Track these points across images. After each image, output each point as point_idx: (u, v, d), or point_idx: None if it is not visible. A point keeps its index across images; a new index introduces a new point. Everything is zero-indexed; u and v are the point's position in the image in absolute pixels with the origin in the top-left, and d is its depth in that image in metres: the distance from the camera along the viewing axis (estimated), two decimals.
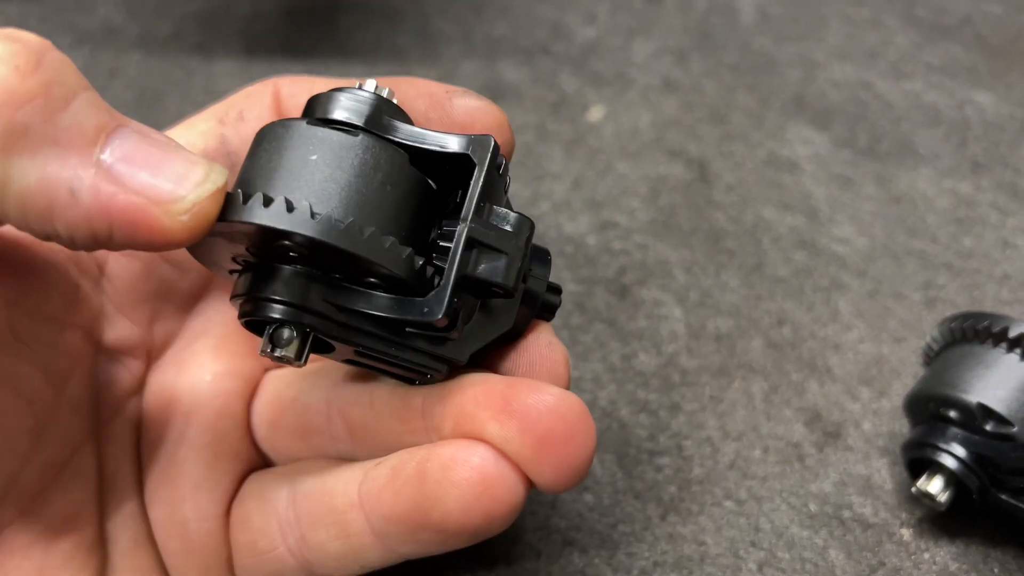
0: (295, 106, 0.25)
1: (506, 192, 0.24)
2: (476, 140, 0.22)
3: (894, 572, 0.30)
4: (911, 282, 0.40)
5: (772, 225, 0.42)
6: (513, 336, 0.25)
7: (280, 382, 0.28)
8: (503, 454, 0.21)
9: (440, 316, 0.21)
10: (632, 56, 0.52)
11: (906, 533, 0.31)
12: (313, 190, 0.20)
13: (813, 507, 0.32)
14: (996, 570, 0.30)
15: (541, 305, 0.25)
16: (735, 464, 0.33)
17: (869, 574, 0.30)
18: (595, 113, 0.49)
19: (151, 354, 0.27)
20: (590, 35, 0.54)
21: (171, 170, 0.19)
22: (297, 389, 0.27)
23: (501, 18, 0.55)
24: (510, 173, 0.24)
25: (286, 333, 0.21)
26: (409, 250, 0.21)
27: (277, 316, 0.21)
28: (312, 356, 0.22)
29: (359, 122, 0.22)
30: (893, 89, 0.50)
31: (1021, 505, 0.29)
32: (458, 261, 0.21)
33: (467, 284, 0.21)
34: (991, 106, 0.49)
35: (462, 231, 0.21)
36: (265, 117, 0.26)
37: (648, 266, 0.40)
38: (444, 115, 0.24)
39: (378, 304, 0.21)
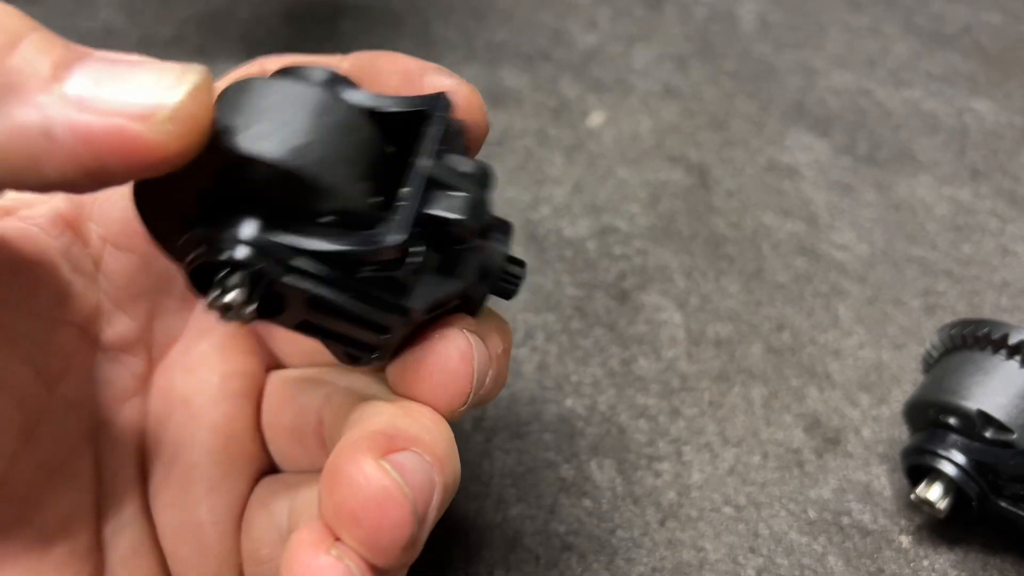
0: None
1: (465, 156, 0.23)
2: (431, 97, 0.21)
3: None
4: (911, 289, 0.40)
5: (772, 231, 0.42)
6: (469, 308, 0.24)
7: (282, 380, 0.27)
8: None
9: (397, 241, 0.19)
10: (632, 63, 0.53)
11: (905, 540, 0.31)
12: (271, 127, 0.19)
13: (812, 513, 0.32)
14: None
15: (499, 275, 0.23)
16: (734, 470, 0.33)
17: None
18: (595, 119, 0.49)
19: (153, 352, 0.27)
20: (591, 42, 0.54)
21: (141, 81, 0.17)
22: (297, 388, 0.27)
23: (502, 24, 0.55)
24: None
25: (236, 278, 0.20)
26: (365, 184, 0.20)
27: (228, 258, 0.20)
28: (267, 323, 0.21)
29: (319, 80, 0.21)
30: (893, 97, 0.50)
31: (1020, 512, 0.29)
32: (417, 192, 0.20)
33: (426, 224, 0.20)
34: (990, 114, 0.49)
35: (421, 167, 0.20)
36: None
37: (648, 271, 0.40)
38: (415, 91, 0.23)
39: (331, 239, 0.20)
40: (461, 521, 0.32)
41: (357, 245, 0.20)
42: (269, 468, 0.27)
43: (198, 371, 0.27)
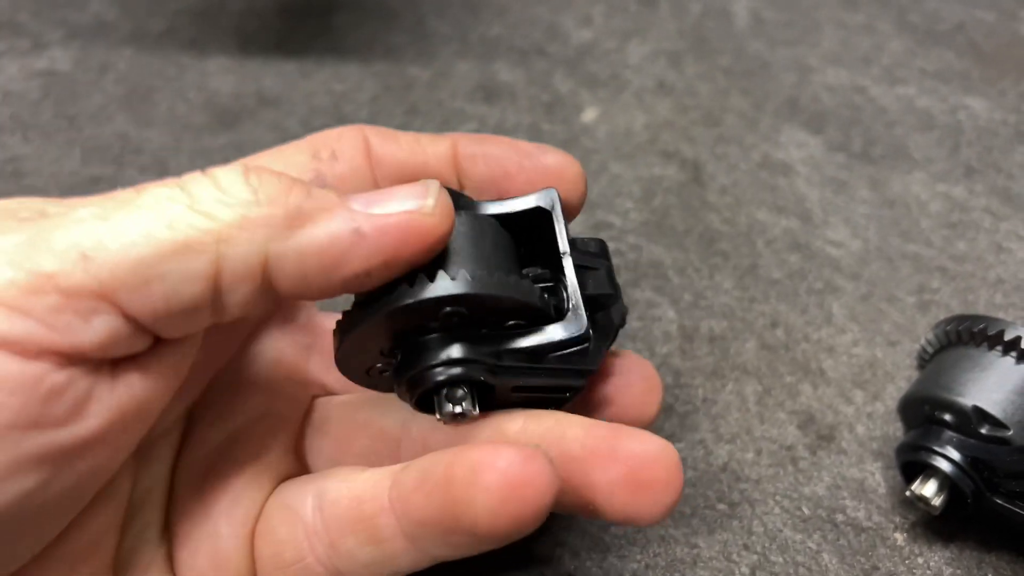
0: (385, 154, 0.28)
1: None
2: (541, 195, 0.26)
3: None
4: (905, 285, 0.40)
5: (766, 227, 0.42)
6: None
7: (343, 408, 0.29)
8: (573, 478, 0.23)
9: (585, 331, 0.24)
10: (627, 58, 0.52)
11: (900, 537, 0.31)
12: (452, 260, 0.24)
13: (806, 510, 0.32)
14: (990, 575, 0.30)
15: (621, 315, 0.28)
16: (728, 467, 0.33)
17: None
18: (589, 114, 0.48)
19: (207, 382, 0.27)
20: (585, 37, 0.54)
21: (402, 193, 0.22)
22: (368, 414, 0.28)
23: (497, 19, 0.55)
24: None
25: (459, 392, 0.24)
26: (536, 285, 0.25)
27: (443, 379, 0.24)
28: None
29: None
30: (887, 94, 0.50)
31: (1016, 509, 0.29)
32: (575, 282, 0.25)
33: (587, 303, 0.25)
34: (984, 112, 0.49)
35: (568, 262, 0.26)
36: (357, 161, 0.28)
37: (642, 267, 0.40)
38: (537, 164, 0.28)
39: (525, 338, 0.25)
40: None
41: (548, 340, 0.25)
42: (288, 478, 0.28)
43: (242, 392, 0.28)
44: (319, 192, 0.22)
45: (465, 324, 0.24)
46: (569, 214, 0.28)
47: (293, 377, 0.29)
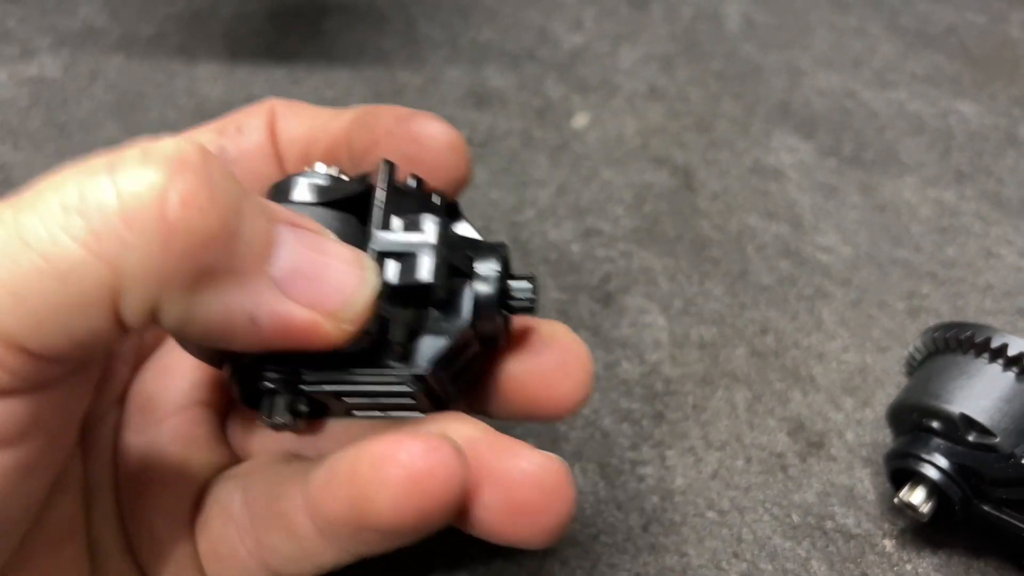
0: (287, 128, 0.27)
1: (441, 207, 0.24)
2: (380, 168, 0.24)
3: None
4: (895, 291, 0.40)
5: (757, 233, 0.42)
6: (490, 342, 0.25)
7: None
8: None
9: (363, 341, 0.21)
10: (618, 63, 0.52)
11: (889, 544, 0.31)
12: None
13: (796, 517, 0.32)
14: None
15: (506, 296, 0.24)
16: (718, 474, 0.33)
17: None
18: (580, 120, 0.48)
19: (139, 359, 0.27)
20: (576, 41, 0.54)
21: (335, 279, 0.20)
22: None
23: (487, 23, 0.55)
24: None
25: (274, 401, 0.23)
26: None
27: (264, 387, 0.23)
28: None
29: (313, 199, 0.23)
30: (878, 98, 0.50)
31: (1003, 516, 0.29)
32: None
33: (395, 296, 0.22)
34: (975, 116, 0.49)
35: (368, 247, 0.22)
36: (261, 134, 0.27)
37: (632, 274, 0.40)
38: (405, 130, 0.26)
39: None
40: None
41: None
42: (224, 467, 0.27)
43: (171, 377, 0.27)
44: (247, 238, 0.19)
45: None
46: (447, 190, 0.25)
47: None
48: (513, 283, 0.24)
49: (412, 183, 0.24)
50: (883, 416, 0.34)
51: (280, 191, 0.24)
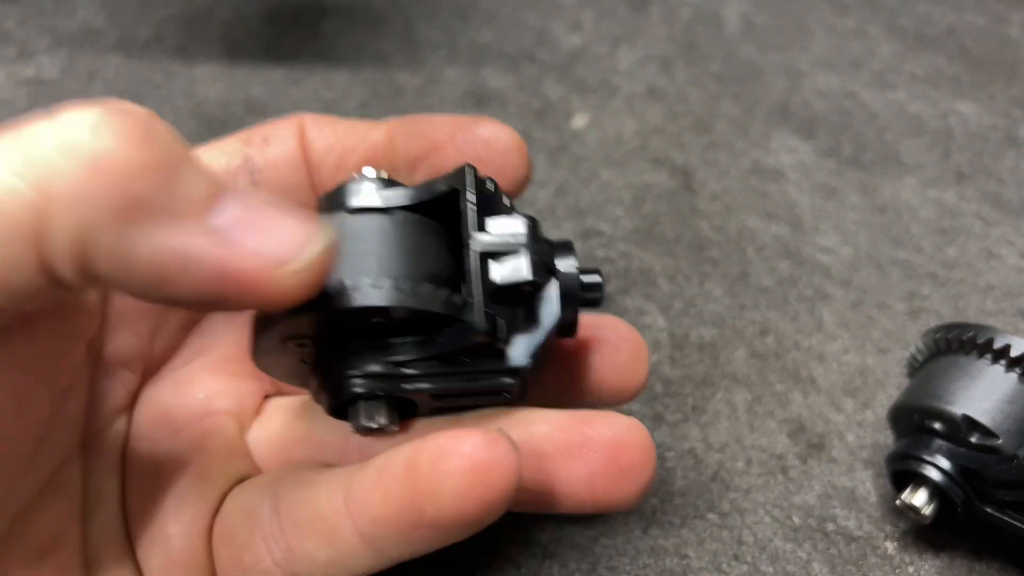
0: (318, 139, 0.27)
1: (511, 207, 0.25)
2: (453, 174, 0.24)
3: None
4: (895, 292, 0.40)
5: (756, 234, 0.42)
6: (568, 332, 0.25)
7: (288, 413, 0.28)
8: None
9: (479, 328, 0.22)
10: (617, 64, 0.52)
11: (890, 546, 0.31)
12: (357, 268, 0.22)
13: (797, 520, 0.32)
14: None
15: (582, 290, 0.25)
16: (718, 476, 0.33)
17: None
18: (579, 120, 0.48)
19: (148, 369, 0.27)
20: (575, 42, 0.54)
21: (280, 232, 0.19)
22: (309, 423, 0.27)
23: (486, 25, 0.55)
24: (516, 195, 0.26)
25: (373, 406, 0.24)
26: (446, 291, 0.22)
27: (361, 391, 0.23)
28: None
29: (366, 204, 0.23)
30: (877, 99, 0.50)
31: (1006, 518, 0.29)
32: (478, 274, 0.23)
33: (498, 295, 0.23)
34: (974, 116, 0.49)
35: (470, 249, 0.23)
36: (289, 144, 0.27)
37: (631, 275, 0.40)
38: (468, 133, 0.26)
39: (430, 346, 0.23)
40: None
41: (449, 346, 0.23)
42: (243, 478, 0.27)
43: (186, 388, 0.27)
44: (186, 183, 0.18)
45: (382, 331, 0.23)
46: (510, 190, 0.26)
47: (239, 374, 0.28)
48: (585, 277, 0.25)
49: (491, 186, 0.24)
50: (884, 418, 0.34)
51: (338, 197, 0.24)
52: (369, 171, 0.24)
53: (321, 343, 0.23)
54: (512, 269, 0.23)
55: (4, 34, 0.52)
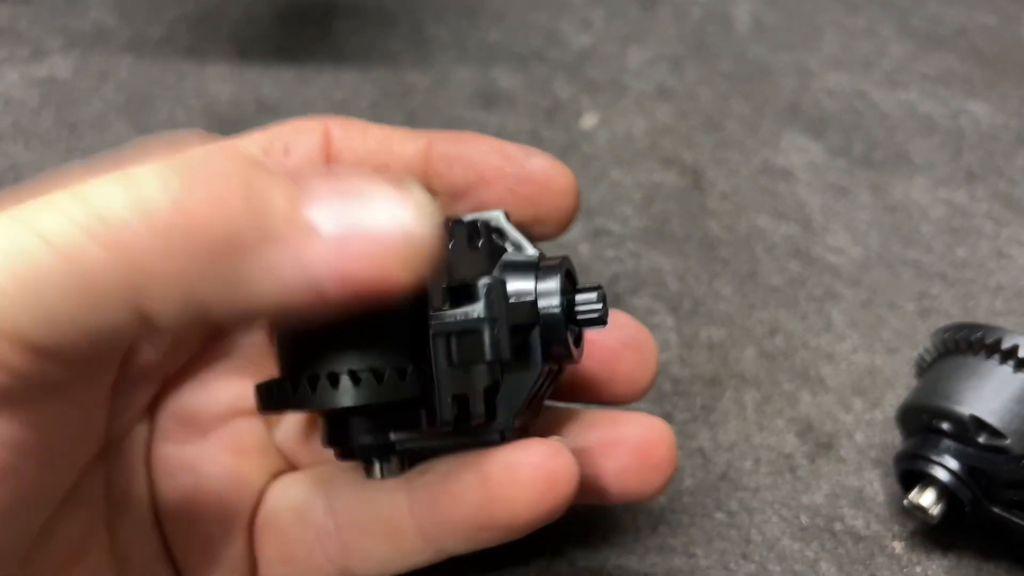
0: (346, 149, 0.25)
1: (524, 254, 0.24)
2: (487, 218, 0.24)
3: None
4: (905, 292, 0.39)
5: (766, 234, 0.42)
6: (567, 360, 0.25)
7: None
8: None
9: (445, 421, 0.22)
10: (627, 63, 0.52)
11: (898, 546, 0.31)
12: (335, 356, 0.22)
13: (805, 519, 0.32)
14: None
15: (573, 315, 0.24)
16: (726, 475, 0.33)
17: None
18: (589, 120, 0.48)
19: (167, 376, 0.27)
20: (585, 42, 0.54)
21: (380, 216, 0.18)
22: None
23: (495, 24, 0.55)
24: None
25: (384, 460, 0.24)
26: (409, 369, 0.22)
27: (367, 452, 0.24)
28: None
29: None
30: (888, 98, 0.50)
31: (1014, 518, 0.29)
32: (438, 367, 0.22)
33: (462, 373, 0.23)
34: (986, 116, 0.49)
35: (431, 331, 0.22)
36: (313, 156, 0.25)
37: (641, 274, 0.40)
38: (520, 170, 0.25)
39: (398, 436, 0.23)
40: None
41: (419, 438, 0.23)
42: (279, 472, 0.28)
43: (210, 392, 0.27)
44: (273, 200, 0.18)
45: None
46: (556, 231, 0.26)
47: (261, 376, 0.28)
48: (579, 296, 0.24)
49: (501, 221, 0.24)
50: (893, 417, 0.34)
51: None
52: None
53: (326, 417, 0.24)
54: (475, 348, 0.22)
55: (17, 34, 0.53)
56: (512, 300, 0.23)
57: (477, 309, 0.22)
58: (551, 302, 0.23)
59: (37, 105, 0.48)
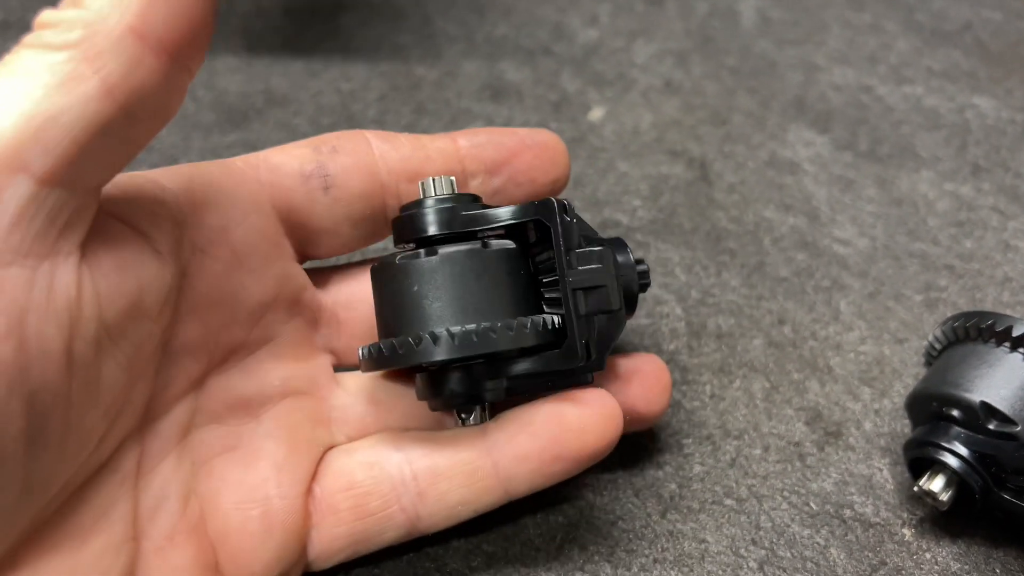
0: (387, 153, 0.29)
1: (589, 231, 0.29)
2: (541, 204, 0.27)
3: (895, 572, 0.30)
4: (912, 284, 0.40)
5: (773, 225, 0.42)
6: (631, 308, 0.31)
7: (364, 388, 0.30)
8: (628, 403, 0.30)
9: (579, 360, 0.26)
10: (633, 57, 0.52)
11: (908, 533, 0.31)
12: (443, 314, 0.26)
13: (814, 506, 0.32)
14: (998, 570, 0.30)
15: (640, 283, 0.30)
16: (736, 462, 0.33)
17: (870, 573, 0.30)
18: (596, 113, 0.49)
19: (212, 358, 0.28)
20: (592, 36, 0.54)
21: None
22: (389, 395, 0.30)
23: (503, 19, 0.55)
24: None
25: (474, 410, 0.29)
26: (531, 320, 0.26)
27: (460, 396, 0.28)
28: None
29: (444, 230, 0.27)
30: (894, 93, 0.50)
31: (1023, 504, 0.29)
32: (575, 309, 0.27)
33: (587, 318, 0.27)
34: (991, 111, 0.49)
35: (565, 288, 0.27)
36: (360, 154, 0.29)
37: (649, 265, 0.40)
38: (540, 139, 0.31)
39: (530, 366, 0.27)
40: None
41: (549, 367, 0.27)
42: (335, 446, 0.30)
43: (259, 375, 0.28)
44: None
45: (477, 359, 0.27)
46: (559, 186, 0.31)
47: (306, 358, 0.30)
48: (640, 267, 0.31)
49: (570, 216, 0.27)
50: (901, 406, 0.34)
51: (428, 223, 0.27)
52: (441, 184, 0.28)
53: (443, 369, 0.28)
54: (599, 300, 0.27)
55: (27, 27, 0.53)
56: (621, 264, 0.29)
57: (602, 269, 0.27)
58: (640, 268, 0.31)
59: None
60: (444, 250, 0.26)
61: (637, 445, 0.34)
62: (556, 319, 0.27)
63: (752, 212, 0.43)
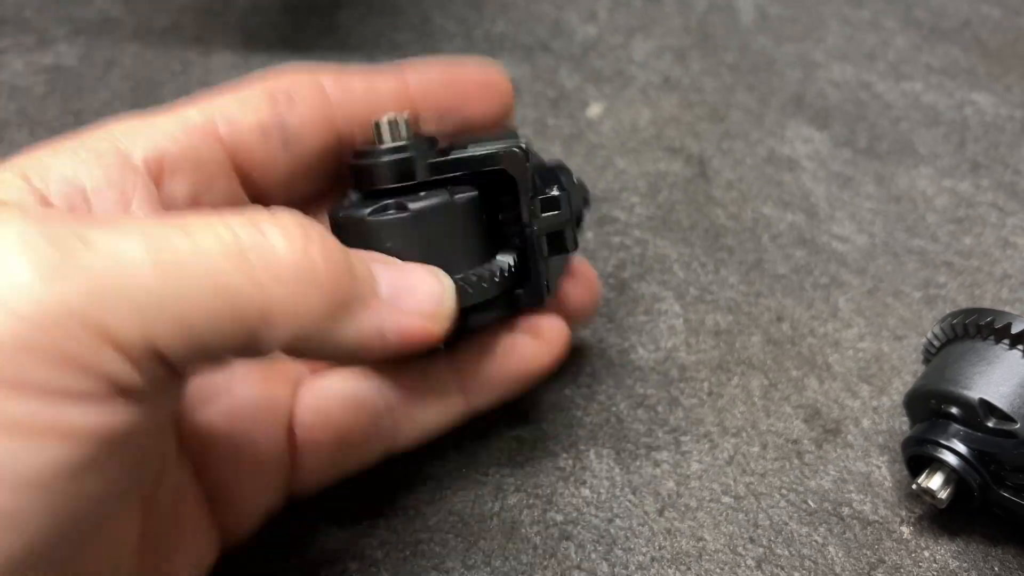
0: (341, 98, 0.29)
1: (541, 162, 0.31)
2: (508, 155, 0.28)
3: (894, 570, 0.30)
4: (911, 280, 0.40)
5: (772, 222, 0.42)
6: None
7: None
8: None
9: (544, 302, 0.29)
10: (632, 54, 0.52)
11: (906, 530, 0.31)
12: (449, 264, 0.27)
13: (812, 504, 0.32)
14: (996, 568, 0.30)
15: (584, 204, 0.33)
16: (734, 460, 0.33)
17: (868, 571, 0.30)
18: (594, 109, 0.48)
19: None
20: (590, 33, 0.54)
21: (424, 290, 0.25)
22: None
23: (501, 15, 0.55)
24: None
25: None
26: (498, 269, 0.28)
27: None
28: None
29: (408, 180, 0.28)
30: (892, 89, 0.50)
31: (1022, 503, 0.29)
32: (540, 256, 0.29)
33: (545, 262, 0.29)
34: (990, 107, 0.49)
35: (531, 236, 0.28)
36: (316, 105, 0.29)
37: (647, 261, 0.40)
38: (487, 76, 0.32)
39: (499, 313, 0.29)
40: (459, 510, 0.32)
41: (524, 303, 0.30)
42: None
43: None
44: (358, 270, 0.23)
45: None
46: (501, 115, 0.32)
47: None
48: (581, 209, 0.33)
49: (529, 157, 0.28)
50: (900, 404, 0.34)
51: (382, 170, 0.28)
52: (397, 127, 0.28)
53: None
54: (561, 242, 0.29)
55: (23, 22, 0.53)
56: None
57: (561, 216, 0.28)
58: (584, 193, 0.33)
59: (42, 93, 0.48)
60: (415, 205, 0.27)
61: (636, 443, 0.33)
62: (513, 261, 0.29)
63: (750, 209, 0.43)
